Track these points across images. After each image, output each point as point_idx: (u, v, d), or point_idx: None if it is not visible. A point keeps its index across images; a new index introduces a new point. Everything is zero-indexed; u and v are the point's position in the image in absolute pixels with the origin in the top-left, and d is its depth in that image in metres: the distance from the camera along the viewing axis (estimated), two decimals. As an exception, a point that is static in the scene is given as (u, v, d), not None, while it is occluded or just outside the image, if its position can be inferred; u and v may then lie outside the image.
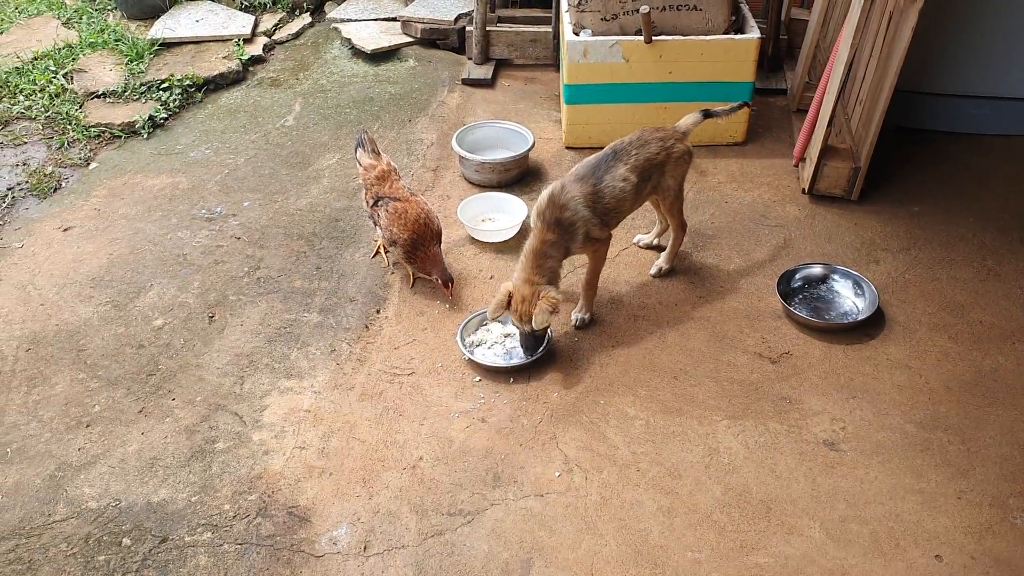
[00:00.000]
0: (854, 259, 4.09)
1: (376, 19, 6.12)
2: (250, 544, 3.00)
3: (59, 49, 5.71)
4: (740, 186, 4.62)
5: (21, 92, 5.36)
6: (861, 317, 3.76)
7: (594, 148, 4.76)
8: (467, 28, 5.71)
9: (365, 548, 2.98)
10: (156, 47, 5.73)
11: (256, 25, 6.07)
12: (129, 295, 4.02)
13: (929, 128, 4.90)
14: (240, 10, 6.23)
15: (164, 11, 6.14)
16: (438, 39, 5.90)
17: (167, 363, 3.67)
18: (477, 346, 3.71)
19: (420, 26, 5.87)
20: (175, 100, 5.33)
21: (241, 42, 5.84)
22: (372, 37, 5.91)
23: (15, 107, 5.24)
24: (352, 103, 5.37)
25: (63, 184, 4.74)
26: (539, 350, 3.60)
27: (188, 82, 5.42)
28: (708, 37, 4.54)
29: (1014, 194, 4.47)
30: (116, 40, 5.79)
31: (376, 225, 4.05)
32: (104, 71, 5.50)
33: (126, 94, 5.32)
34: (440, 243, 3.95)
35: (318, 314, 3.91)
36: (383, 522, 3.06)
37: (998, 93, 4.78)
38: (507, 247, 4.28)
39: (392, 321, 3.87)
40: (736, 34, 4.62)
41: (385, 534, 3.02)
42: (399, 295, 4.02)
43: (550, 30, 5.60)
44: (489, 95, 5.40)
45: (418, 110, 5.28)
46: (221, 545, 2.99)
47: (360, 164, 4.11)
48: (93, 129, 5.09)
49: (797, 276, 3.98)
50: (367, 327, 3.84)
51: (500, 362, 3.62)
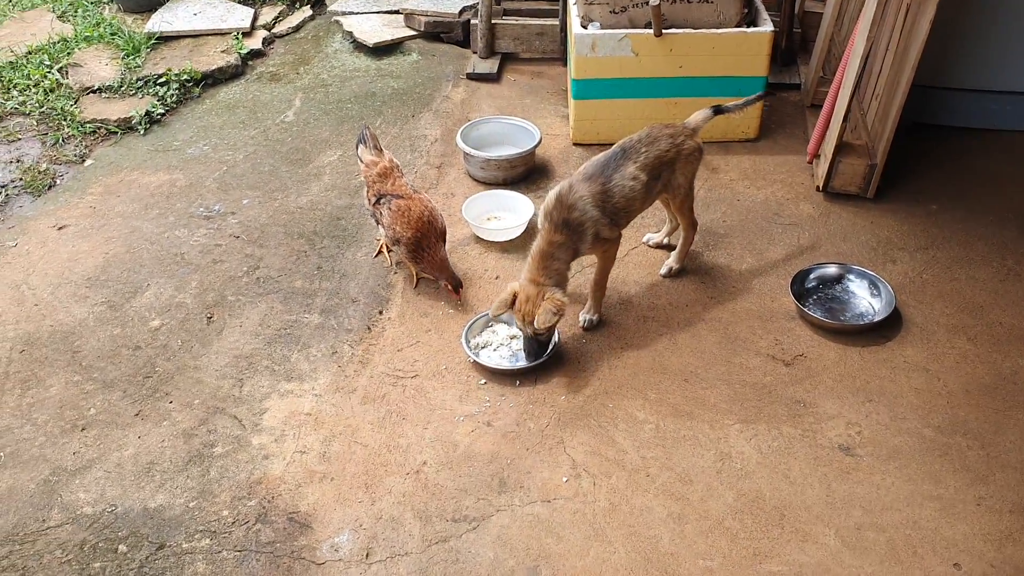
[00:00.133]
0: (870, 258, 4.09)
1: (378, 12, 6.12)
2: (249, 551, 3.00)
3: (54, 43, 5.72)
4: (752, 183, 4.61)
5: (15, 87, 5.36)
6: (877, 318, 3.75)
7: (603, 145, 4.77)
8: (472, 21, 5.72)
9: (367, 555, 2.99)
10: (153, 41, 5.73)
11: (255, 18, 6.08)
12: (125, 295, 4.01)
13: (947, 124, 4.90)
14: (239, 3, 6.23)
15: (161, 4, 6.15)
16: (442, 32, 5.90)
17: (164, 365, 3.67)
18: (482, 348, 3.71)
19: (423, 19, 5.87)
20: (172, 95, 5.33)
21: (240, 35, 5.85)
22: (374, 30, 5.91)
23: (9, 103, 5.25)
24: (354, 98, 5.37)
25: (58, 181, 4.74)
26: (544, 354, 3.60)
27: (186, 77, 5.43)
28: (720, 30, 4.53)
29: (1035, 192, 4.47)
30: (112, 34, 5.80)
31: (378, 224, 4.05)
32: (100, 65, 5.51)
33: (122, 89, 5.33)
34: (444, 242, 3.95)
35: (319, 315, 3.91)
36: (386, 528, 3.06)
37: (1018, 88, 4.76)
38: (513, 246, 4.28)
39: (395, 322, 3.87)
40: (748, 27, 4.61)
41: (388, 541, 3.02)
42: (402, 296, 4.02)
43: (557, 23, 5.60)
44: (494, 90, 5.40)
45: (421, 105, 5.28)
46: (220, 552, 2.99)
47: (362, 161, 4.10)
48: (88, 125, 5.09)
49: (811, 276, 3.97)
50: (369, 328, 3.84)
51: (506, 364, 3.62)
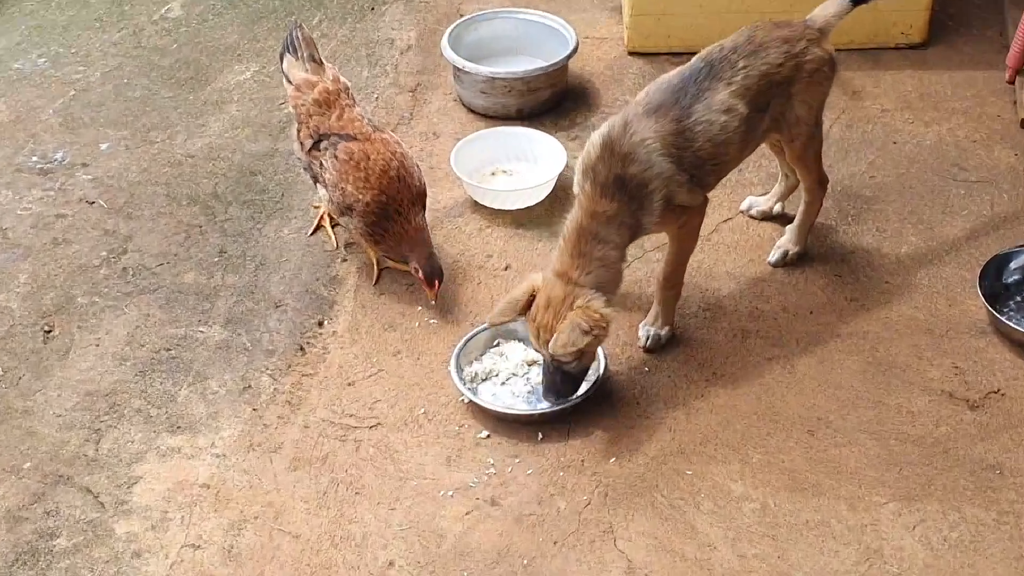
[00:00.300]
0: (1107, 237, 4.08)
1: None
2: None
3: None
4: (917, 116, 4.59)
5: None
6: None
7: (675, 55, 4.71)
8: None
9: None
10: None
11: None
12: (-86, 296, 4.03)
13: None
14: None
15: None
16: None
17: (-24, 407, 3.68)
18: (484, 380, 3.70)
19: None
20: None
21: None
22: None
23: None
24: (277, -20, 5.39)
25: None
26: (575, 393, 3.59)
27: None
28: None
29: None
30: None
31: (317, 181, 4.04)
32: None
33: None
34: (423, 209, 3.93)
35: (222, 328, 3.91)
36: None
37: None
38: (533, 217, 4.24)
39: (344, 339, 3.86)
40: None
41: None
42: (355, 297, 4.00)
43: None
44: (502, -34, 5.38)
45: (386, -10, 5.31)
46: None
47: (290, 80, 4.09)
48: None
49: (1013, 266, 3.98)
50: (302, 349, 3.84)
51: (521, 407, 3.61)
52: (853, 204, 4.26)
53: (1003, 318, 3.81)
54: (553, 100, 4.72)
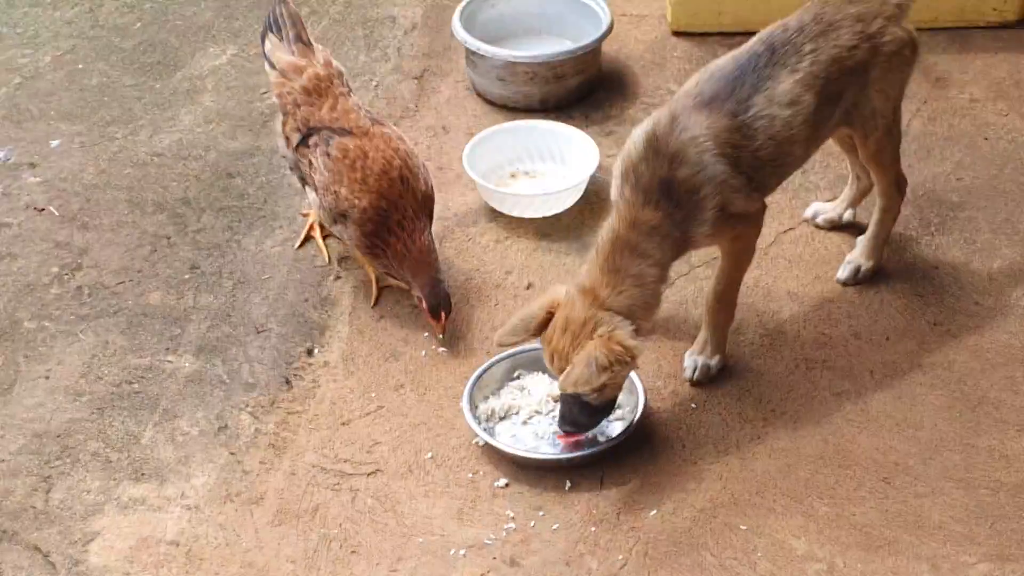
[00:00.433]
0: None
1: None
2: None
3: None
4: (1012, 108, 4.57)
5: None
6: None
7: (728, 36, 4.69)
8: None
9: None
10: None
11: None
12: None
13: None
14: None
15: None
16: None
17: (-96, 451, 3.69)
18: (502, 419, 3.67)
19: None
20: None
21: None
22: None
23: None
24: (260, -52, 5.41)
25: None
26: (601, 437, 3.56)
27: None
28: None
29: None
30: None
31: (305, 184, 4.01)
32: None
33: None
34: (431, 219, 3.90)
35: (194, 357, 3.88)
36: None
37: None
38: (560, 227, 4.22)
39: (337, 371, 3.83)
40: None
41: None
42: (350, 321, 3.98)
43: None
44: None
45: (386, -39, 5.33)
46: None
47: (273, 65, 4.06)
48: None
49: None
50: (288, 382, 3.80)
51: (546, 450, 3.58)
52: (937, 211, 4.23)
53: (1117, 347, 3.77)
54: (583, 89, 4.67)
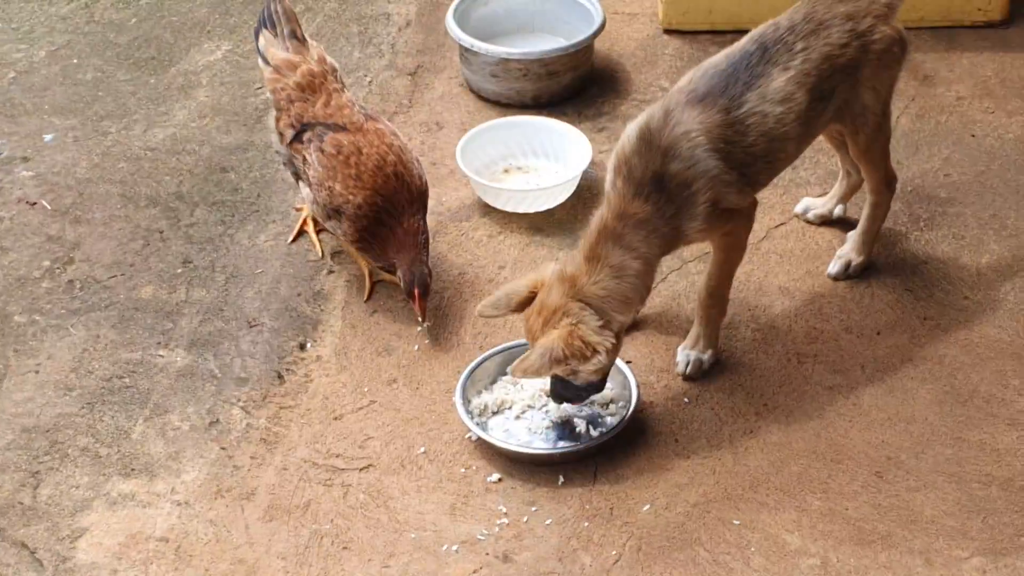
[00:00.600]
0: None
1: None
2: None
3: None
4: (999, 105, 4.58)
5: None
6: None
7: (721, 33, 4.71)
8: None
9: None
10: None
11: None
12: None
13: None
14: None
15: None
16: None
17: None
18: (495, 413, 3.68)
19: None
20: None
21: None
22: None
23: None
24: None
25: None
26: (594, 432, 3.56)
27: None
28: None
29: None
30: None
31: (299, 179, 4.02)
32: None
33: None
34: (424, 213, 3.91)
35: (186, 352, 3.88)
36: None
37: None
38: (553, 222, 4.24)
39: (330, 365, 3.84)
40: None
41: None
42: (343, 315, 3.99)
43: None
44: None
45: (379, -43, 5.32)
46: None
47: (267, 61, 4.06)
48: None
49: (1116, 279, 3.94)
50: (281, 376, 3.81)
51: (539, 445, 3.58)
52: (926, 207, 4.24)
53: (1106, 341, 3.77)
54: (576, 85, 4.68)
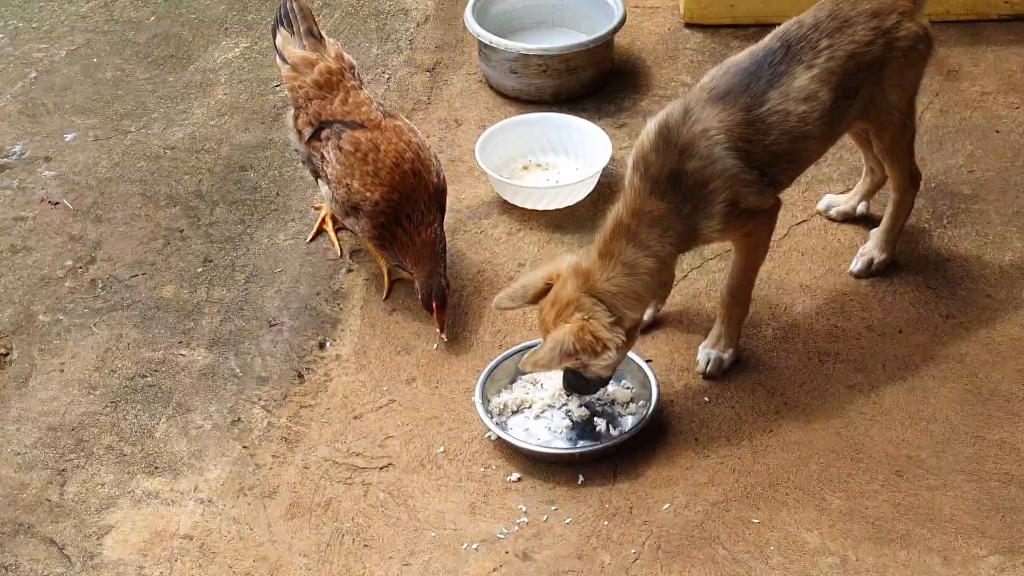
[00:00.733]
0: None
1: None
2: None
3: None
4: None
5: None
6: None
7: (741, 28, 4.72)
8: None
9: None
10: None
11: None
12: None
13: None
14: None
15: None
16: None
17: (-81, 444, 3.69)
18: (514, 413, 3.67)
19: None
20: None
21: None
22: None
23: None
24: (272, -59, 5.40)
25: None
26: (614, 432, 3.56)
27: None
28: None
29: None
30: None
31: (318, 177, 4.02)
32: None
33: None
34: (442, 212, 3.91)
35: (207, 351, 3.89)
36: None
37: None
38: (573, 219, 4.23)
39: (350, 365, 3.84)
40: None
41: None
42: (362, 314, 3.99)
43: None
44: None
45: (398, -46, 5.32)
46: None
47: (285, 58, 4.07)
48: None
49: None
50: (301, 375, 3.81)
51: (559, 444, 3.58)
52: (949, 204, 4.22)
53: None
54: (596, 81, 4.67)
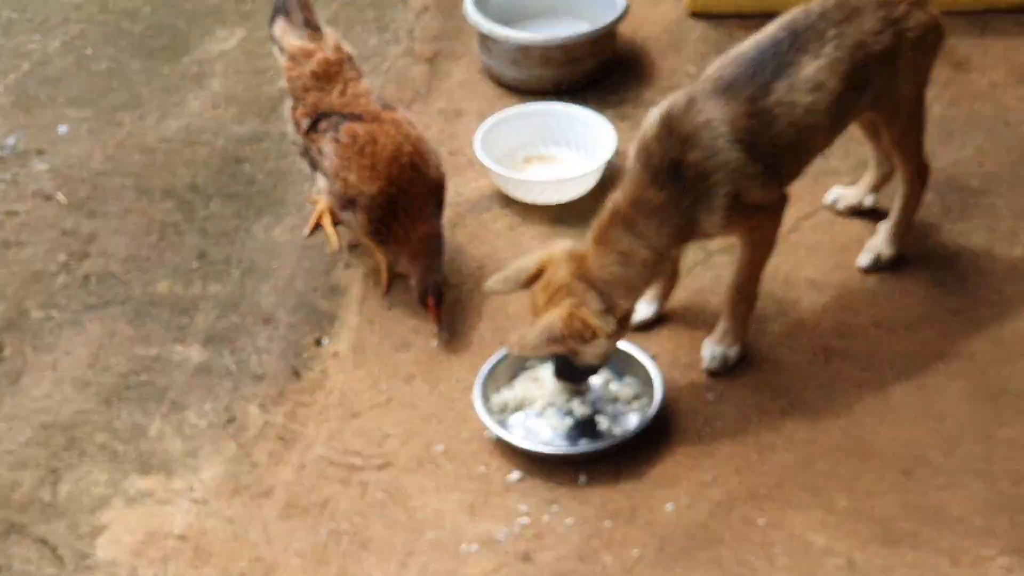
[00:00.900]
0: None
1: None
2: None
3: None
4: None
5: None
6: None
7: (747, 18, 4.67)
8: None
9: None
10: None
11: None
12: None
13: None
14: None
15: None
16: None
17: (-91, 443, 3.68)
18: (515, 411, 3.66)
19: None
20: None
21: None
22: None
23: None
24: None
25: None
26: (617, 430, 3.55)
27: None
28: None
29: None
30: None
31: (315, 169, 4.01)
32: None
33: None
34: (440, 206, 3.90)
35: (202, 347, 3.88)
36: None
37: None
38: (575, 213, 4.21)
39: (347, 361, 3.83)
40: None
41: None
42: (360, 310, 3.98)
43: None
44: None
45: (398, -58, 5.30)
46: None
47: (282, 49, 4.06)
48: None
49: None
50: (297, 373, 3.80)
51: (560, 443, 3.57)
52: (958, 197, 4.21)
53: None
54: (599, 72, 4.67)
